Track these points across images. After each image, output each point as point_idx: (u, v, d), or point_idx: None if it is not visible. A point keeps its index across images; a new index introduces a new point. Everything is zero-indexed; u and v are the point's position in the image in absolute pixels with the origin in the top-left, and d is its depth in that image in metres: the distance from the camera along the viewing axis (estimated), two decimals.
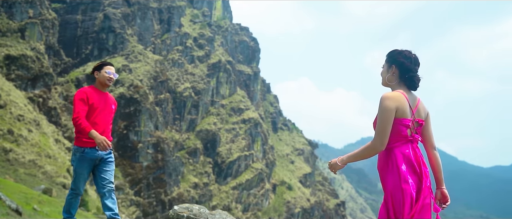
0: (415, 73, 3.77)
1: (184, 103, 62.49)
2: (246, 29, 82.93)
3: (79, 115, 5.25)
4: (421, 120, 3.75)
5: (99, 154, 5.45)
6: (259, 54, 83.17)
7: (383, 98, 3.64)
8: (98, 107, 5.42)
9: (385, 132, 3.56)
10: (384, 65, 3.91)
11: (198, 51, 68.17)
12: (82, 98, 5.32)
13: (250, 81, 77.44)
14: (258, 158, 68.03)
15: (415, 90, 3.80)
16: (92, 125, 5.31)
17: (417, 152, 3.65)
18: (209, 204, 58.64)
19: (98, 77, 5.50)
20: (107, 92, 5.63)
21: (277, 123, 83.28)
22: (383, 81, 3.92)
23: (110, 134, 5.72)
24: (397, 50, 3.85)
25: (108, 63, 5.61)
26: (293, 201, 69.54)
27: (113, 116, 5.71)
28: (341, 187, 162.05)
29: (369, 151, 3.62)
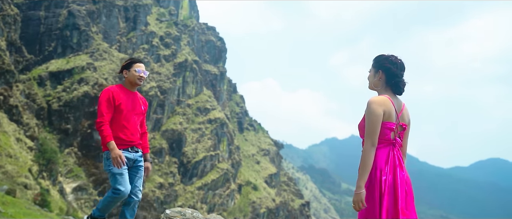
0: (401, 78, 3.88)
1: (150, 103, 61.84)
2: (213, 29, 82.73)
3: (103, 119, 4.89)
4: (404, 124, 3.88)
5: (133, 156, 5.13)
6: (225, 54, 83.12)
7: (371, 102, 3.74)
8: (126, 108, 5.05)
9: (375, 134, 3.67)
10: (371, 70, 4.01)
11: (164, 50, 67.61)
12: (108, 99, 4.96)
13: (217, 81, 77.27)
14: (224, 158, 67.95)
15: (400, 94, 3.92)
16: (120, 128, 4.98)
17: (395, 155, 3.76)
18: (174, 204, 58.24)
19: (128, 77, 5.12)
20: (137, 92, 5.28)
21: (243, 123, 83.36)
22: (369, 85, 4.02)
23: (146, 137, 5.40)
24: (384, 56, 3.94)
25: (138, 59, 5.22)
26: (258, 201, 69.71)
27: (143, 118, 5.32)
28: (305, 188, 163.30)
29: (368, 157, 3.71)
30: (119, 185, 4.89)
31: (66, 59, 55.42)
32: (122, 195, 4.91)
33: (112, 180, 4.95)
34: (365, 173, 3.68)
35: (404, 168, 3.80)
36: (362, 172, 3.68)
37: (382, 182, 3.69)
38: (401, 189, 3.70)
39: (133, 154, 5.14)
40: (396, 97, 3.86)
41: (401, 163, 3.78)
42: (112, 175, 4.94)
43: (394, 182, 3.71)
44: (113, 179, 4.94)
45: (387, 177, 3.68)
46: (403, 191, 3.72)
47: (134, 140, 5.12)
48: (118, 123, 5.00)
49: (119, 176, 4.92)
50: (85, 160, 50.32)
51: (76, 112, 51.49)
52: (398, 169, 3.73)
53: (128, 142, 5.07)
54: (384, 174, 3.69)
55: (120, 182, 4.90)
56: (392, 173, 3.72)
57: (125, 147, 5.03)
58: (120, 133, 4.99)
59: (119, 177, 4.91)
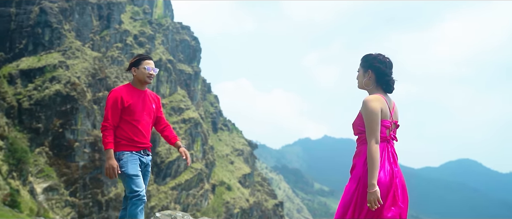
0: (390, 77, 3.92)
1: None
2: (188, 28, 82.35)
3: (107, 124, 4.65)
4: (397, 121, 3.92)
5: (146, 160, 4.87)
6: (200, 54, 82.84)
7: (369, 100, 3.78)
8: (137, 108, 4.78)
9: (377, 131, 3.73)
10: (359, 69, 4.05)
11: (138, 49, 67.01)
12: (115, 102, 4.70)
13: (191, 80, 76.93)
14: (198, 158, 67.72)
15: (391, 92, 3.95)
16: (132, 130, 4.71)
17: (389, 150, 3.82)
18: (148, 204, 57.76)
19: (136, 74, 4.85)
20: (146, 89, 5.00)
21: (217, 123, 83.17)
22: (359, 84, 4.07)
23: (171, 128, 5.13)
24: (372, 55, 3.99)
25: (146, 56, 4.95)
26: (232, 202, 69.66)
27: (160, 115, 5.07)
28: (278, 188, 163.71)
29: (375, 155, 3.75)
30: (136, 187, 4.65)
31: (38, 57, 54.44)
32: (142, 197, 4.66)
33: (128, 181, 4.66)
34: (375, 171, 3.69)
35: (397, 164, 3.86)
36: (372, 170, 3.70)
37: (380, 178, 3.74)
38: (400, 185, 3.77)
39: (146, 158, 4.89)
40: (387, 95, 3.92)
41: (395, 159, 3.83)
42: (127, 177, 4.66)
43: (391, 178, 3.77)
44: (129, 180, 4.66)
45: (384, 174, 3.74)
46: (401, 186, 3.79)
47: (146, 142, 4.87)
48: (129, 125, 4.75)
49: (135, 177, 4.67)
50: (56, 160, 49.52)
51: (48, 111, 50.62)
52: (393, 166, 3.80)
53: (141, 144, 4.81)
54: (380, 169, 3.74)
55: (137, 184, 4.66)
56: (388, 169, 3.78)
57: (138, 149, 4.78)
58: (133, 135, 4.74)
59: (135, 178, 4.67)
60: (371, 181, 3.68)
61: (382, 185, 3.71)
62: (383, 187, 3.70)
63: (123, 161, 4.65)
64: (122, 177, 4.70)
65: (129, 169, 4.63)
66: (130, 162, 4.67)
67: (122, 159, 4.67)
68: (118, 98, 4.72)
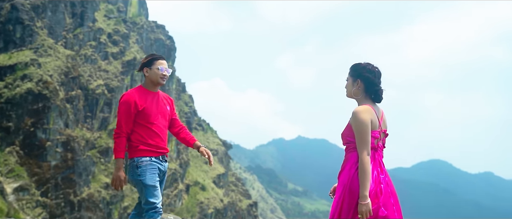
0: (379, 87, 3.97)
1: (97, 101, 60.50)
2: (163, 27, 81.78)
3: (120, 131, 4.42)
4: (386, 130, 3.97)
5: (164, 168, 4.62)
6: (175, 53, 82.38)
7: (359, 111, 3.82)
8: (151, 111, 4.52)
9: (367, 142, 3.77)
10: (348, 79, 4.10)
11: (113, 48, 66.28)
12: (128, 107, 4.44)
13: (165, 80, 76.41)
14: (172, 158, 67.32)
15: (379, 102, 4.00)
16: (149, 134, 4.46)
17: (376, 158, 3.88)
18: (121, 204, 57.25)
19: (149, 75, 4.60)
20: (159, 91, 4.74)
21: (191, 123, 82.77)
22: (348, 93, 4.11)
23: (186, 130, 4.93)
24: (361, 65, 4.04)
25: (159, 56, 4.70)
26: (206, 202, 69.46)
27: (174, 118, 4.84)
28: (252, 188, 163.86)
29: (366, 166, 3.79)
30: (153, 198, 4.37)
31: (9, 55, 53.40)
32: (159, 209, 4.39)
33: (145, 191, 4.39)
34: (367, 182, 3.75)
35: (384, 171, 3.91)
36: (364, 182, 3.75)
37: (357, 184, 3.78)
38: (385, 192, 3.82)
39: (164, 165, 4.64)
40: (375, 105, 3.96)
41: (382, 167, 3.89)
42: (144, 187, 4.39)
43: (377, 185, 3.83)
44: (146, 191, 4.39)
45: (371, 182, 3.79)
46: (387, 193, 3.84)
47: (164, 146, 4.64)
48: (145, 128, 4.51)
49: (152, 188, 4.40)
50: (27, 159, 48.64)
51: (19, 110, 49.69)
52: (379, 173, 3.85)
53: (159, 148, 4.56)
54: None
55: (155, 195, 4.40)
56: (374, 178, 3.83)
57: (157, 154, 4.53)
58: (150, 139, 4.50)
59: (153, 189, 4.40)
60: (363, 192, 3.73)
61: (370, 193, 3.76)
62: (370, 195, 3.76)
63: (142, 169, 4.41)
64: (139, 186, 4.45)
65: (147, 179, 4.39)
66: (149, 171, 4.42)
67: (140, 167, 4.42)
68: (131, 102, 4.47)
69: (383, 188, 3.83)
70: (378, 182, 3.82)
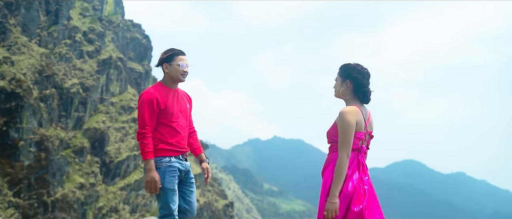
0: (368, 88, 3.99)
1: (71, 100, 59.70)
2: (139, 26, 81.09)
3: (145, 130, 4.18)
4: (371, 132, 4.00)
5: (186, 166, 4.45)
6: (151, 52, 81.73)
7: (345, 112, 3.84)
8: (173, 110, 4.35)
9: (349, 144, 3.79)
10: (337, 79, 4.11)
11: (88, 46, 65.49)
12: (151, 105, 4.22)
13: (142, 79, 75.80)
14: None
15: (367, 103, 4.02)
16: (170, 133, 4.28)
17: (359, 160, 3.91)
18: (96, 205, 56.60)
19: (169, 71, 4.39)
20: (178, 88, 4.54)
21: None
22: (336, 93, 4.13)
23: (196, 136, 4.75)
24: (350, 65, 4.06)
25: (180, 51, 4.46)
26: None
27: (190, 116, 4.66)
28: (228, 188, 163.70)
29: (342, 167, 3.82)
30: (171, 204, 4.21)
31: None
32: (175, 216, 4.23)
33: (162, 195, 4.22)
34: (340, 183, 3.81)
35: (366, 172, 3.95)
36: (337, 182, 3.79)
37: (348, 188, 3.80)
38: (363, 193, 3.86)
39: (185, 164, 4.46)
40: (363, 106, 3.99)
41: (365, 168, 3.92)
42: (162, 190, 4.22)
43: (356, 186, 3.86)
44: (163, 194, 4.22)
45: (349, 181, 3.82)
46: (371, 195, 3.88)
47: (185, 145, 4.47)
48: (167, 127, 4.32)
49: (171, 192, 4.23)
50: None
51: None
52: (362, 174, 3.88)
53: (179, 148, 4.38)
54: (347, 178, 3.82)
55: (173, 200, 4.24)
56: (353, 177, 3.86)
57: (177, 154, 4.36)
58: (171, 138, 4.32)
59: (170, 193, 4.23)
60: (333, 191, 3.79)
61: (348, 194, 3.80)
62: (348, 197, 3.80)
63: (160, 171, 4.24)
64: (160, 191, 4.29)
65: (166, 182, 4.23)
66: (167, 173, 4.25)
67: (159, 168, 4.24)
68: (153, 100, 4.26)
69: (367, 189, 3.86)
70: (362, 184, 3.85)
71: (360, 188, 3.80)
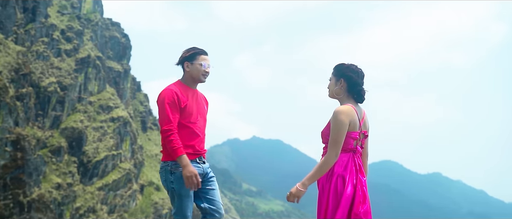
0: (362, 87, 4.01)
1: (49, 99, 58.89)
2: (118, 25, 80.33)
3: (171, 127, 4.00)
4: (366, 132, 4.01)
5: (204, 168, 4.29)
6: (130, 51, 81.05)
7: (338, 112, 3.83)
8: (193, 110, 4.20)
9: (339, 144, 3.78)
10: (331, 78, 4.11)
11: (66, 45, 64.65)
12: (173, 101, 4.07)
13: (120, 78, 75.12)
14: (126, 158, 66.26)
15: (361, 102, 4.04)
16: (189, 135, 4.12)
17: (355, 161, 3.91)
18: (73, 205, 55.94)
19: (190, 70, 4.26)
20: (197, 89, 4.41)
21: (146, 123, 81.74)
22: (330, 93, 4.13)
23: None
24: (344, 65, 4.08)
25: (202, 50, 4.31)
26: (161, 202, 68.64)
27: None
28: None
29: (326, 166, 3.81)
30: (186, 210, 4.16)
31: None
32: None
33: (177, 201, 4.14)
34: (317, 177, 3.86)
35: (363, 174, 3.95)
36: (315, 175, 3.82)
37: (342, 188, 3.80)
38: (363, 195, 3.87)
39: (203, 167, 4.31)
40: (357, 105, 4.00)
41: (361, 168, 3.92)
42: (177, 196, 4.11)
43: (355, 188, 3.86)
44: (178, 200, 4.13)
45: (349, 184, 3.81)
46: (365, 197, 3.89)
47: (203, 148, 4.33)
48: (186, 128, 4.16)
49: (186, 198, 4.13)
50: None
51: None
52: (359, 175, 3.89)
53: (197, 151, 4.24)
54: (346, 180, 3.81)
55: (188, 206, 4.17)
56: (353, 180, 3.86)
57: (194, 157, 4.21)
58: (190, 140, 4.16)
59: (185, 198, 4.13)
60: (306, 182, 3.83)
61: (348, 197, 3.79)
62: (348, 200, 3.79)
63: (176, 176, 4.10)
64: (171, 193, 4.22)
65: (181, 188, 4.11)
66: (183, 178, 4.09)
67: (174, 173, 4.11)
68: (175, 96, 4.12)
69: (366, 191, 3.89)
70: (361, 185, 3.88)
71: (360, 190, 3.82)
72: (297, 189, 3.74)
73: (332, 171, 3.82)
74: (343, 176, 3.78)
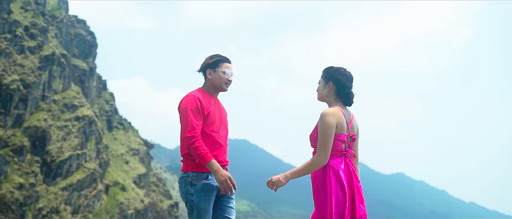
0: (350, 90, 4.02)
1: (11, 97, 57.51)
2: (83, 22, 79.03)
3: (195, 133, 3.80)
4: (354, 135, 4.02)
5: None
6: (96, 49, 79.86)
7: (325, 114, 3.83)
8: (216, 118, 4.01)
9: (328, 147, 3.77)
10: (320, 81, 4.12)
11: (29, 41, 63.24)
12: (197, 107, 3.90)
13: (86, 76, 73.91)
14: (91, 157, 65.24)
15: (350, 105, 4.05)
16: (212, 144, 3.91)
17: (349, 166, 3.92)
18: (35, 206, 54.77)
19: (212, 78, 4.09)
20: (217, 97, 4.23)
21: (112, 122, 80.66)
22: (319, 96, 4.13)
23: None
24: (333, 67, 4.08)
25: (225, 58, 4.15)
26: (126, 202, 67.85)
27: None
28: (172, 188, 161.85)
29: (313, 166, 3.81)
30: None
31: None
32: None
33: (196, 214, 3.90)
34: (301, 174, 3.82)
35: (358, 179, 3.97)
36: (298, 172, 3.85)
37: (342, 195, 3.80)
38: (359, 201, 3.88)
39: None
40: (346, 108, 4.01)
41: (355, 173, 3.93)
42: (197, 210, 3.89)
43: (352, 192, 3.87)
44: (197, 213, 3.90)
45: (346, 189, 3.82)
46: (363, 202, 3.92)
47: (225, 159, 4.12)
48: (208, 138, 3.94)
49: (204, 213, 3.89)
50: None
51: None
52: (354, 180, 3.89)
53: (220, 162, 3.98)
54: (341, 185, 3.81)
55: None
56: (349, 184, 3.86)
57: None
58: (212, 151, 3.94)
59: (204, 214, 3.89)
60: (289, 174, 3.83)
61: (341, 202, 3.79)
62: (342, 205, 3.80)
63: (196, 188, 3.90)
64: (189, 206, 3.98)
65: (201, 201, 3.89)
66: (203, 192, 3.91)
67: (194, 185, 3.91)
68: (198, 103, 3.95)
69: (363, 198, 3.92)
70: (361, 191, 3.92)
71: (357, 194, 3.84)
72: (279, 180, 3.77)
73: (326, 176, 3.81)
74: (339, 181, 3.77)
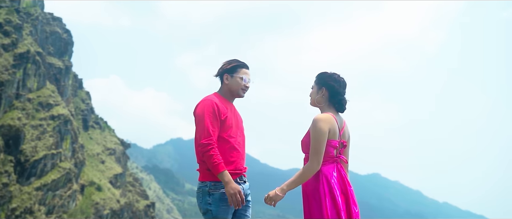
0: (343, 96, 4.01)
1: None
2: (59, 20, 77.95)
3: (211, 141, 3.70)
4: (345, 141, 4.01)
5: (244, 189, 3.96)
6: (72, 47, 78.87)
7: (318, 120, 3.83)
8: (232, 123, 3.92)
9: (321, 152, 3.77)
10: (313, 86, 4.12)
11: (3, 39, 62.10)
12: (214, 113, 3.79)
13: (61, 75, 72.92)
14: (67, 157, 64.38)
15: (342, 112, 4.04)
16: (229, 151, 3.83)
17: (341, 172, 3.92)
18: (8, 206, 53.83)
19: (229, 83, 4.01)
20: (233, 103, 4.13)
21: (88, 121, 79.74)
22: (311, 101, 4.13)
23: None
24: (327, 73, 4.07)
25: (243, 64, 4.05)
26: (102, 203, 67.15)
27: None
28: (149, 188, 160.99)
29: (308, 173, 3.80)
30: None
31: None
32: None
33: None
34: (296, 184, 3.81)
35: (350, 184, 3.97)
36: (294, 183, 3.81)
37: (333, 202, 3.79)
38: (353, 204, 3.89)
39: (243, 187, 3.98)
40: (338, 114, 3.99)
41: (347, 178, 3.93)
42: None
43: (346, 198, 3.87)
44: None
45: (339, 194, 3.82)
46: (356, 206, 3.93)
47: (243, 166, 4.03)
48: (225, 144, 3.85)
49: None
50: None
51: None
52: (346, 185, 3.90)
53: (238, 169, 3.94)
54: (335, 191, 3.81)
55: None
56: (342, 189, 3.87)
57: (234, 176, 3.89)
58: (230, 157, 3.86)
59: None
60: (285, 188, 3.78)
61: (337, 206, 3.79)
62: (337, 209, 3.80)
63: (214, 198, 3.79)
64: (207, 216, 3.86)
65: (219, 211, 3.79)
66: (222, 201, 3.80)
67: (212, 194, 3.81)
68: (215, 107, 3.84)
69: (356, 202, 3.92)
70: (354, 195, 3.92)
71: (351, 198, 3.85)
72: (276, 194, 3.73)
73: (318, 183, 3.79)
74: (332, 187, 3.76)
